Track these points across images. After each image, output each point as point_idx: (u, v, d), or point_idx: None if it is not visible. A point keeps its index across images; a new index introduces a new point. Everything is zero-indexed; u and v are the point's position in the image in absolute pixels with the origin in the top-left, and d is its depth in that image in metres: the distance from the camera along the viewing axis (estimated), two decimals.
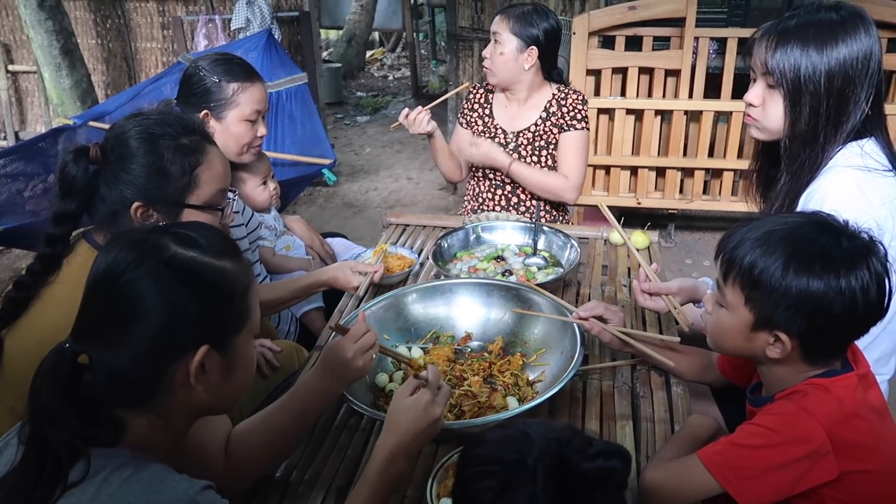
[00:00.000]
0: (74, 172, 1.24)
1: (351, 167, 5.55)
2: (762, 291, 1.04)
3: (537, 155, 2.39)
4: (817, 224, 1.07)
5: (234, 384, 0.96)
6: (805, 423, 1.03)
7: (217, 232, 0.97)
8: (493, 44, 2.30)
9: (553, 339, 1.50)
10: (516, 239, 2.04)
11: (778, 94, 1.44)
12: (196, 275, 0.89)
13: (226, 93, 1.82)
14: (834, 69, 1.38)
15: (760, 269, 1.04)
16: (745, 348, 1.12)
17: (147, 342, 0.86)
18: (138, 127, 1.28)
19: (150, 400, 0.89)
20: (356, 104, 7.76)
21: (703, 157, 3.59)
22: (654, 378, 1.48)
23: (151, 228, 0.95)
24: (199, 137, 1.34)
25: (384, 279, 1.88)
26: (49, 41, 4.35)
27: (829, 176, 1.41)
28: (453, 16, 4.61)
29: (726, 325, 1.13)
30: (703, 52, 3.47)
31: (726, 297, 1.11)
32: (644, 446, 1.29)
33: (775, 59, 1.41)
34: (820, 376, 1.08)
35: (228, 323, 0.92)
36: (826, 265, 1.01)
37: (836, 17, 1.39)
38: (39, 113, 5.51)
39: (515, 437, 0.82)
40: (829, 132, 1.42)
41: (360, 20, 9.28)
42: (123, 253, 0.88)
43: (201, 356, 0.88)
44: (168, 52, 5.14)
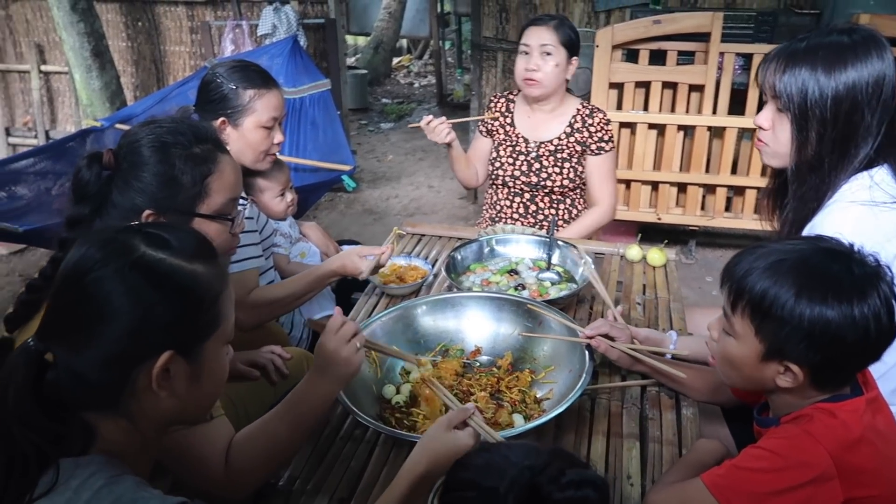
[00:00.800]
0: (87, 177, 1.25)
1: (373, 174, 5.58)
2: (773, 322, 1.02)
3: (559, 167, 2.39)
4: (827, 251, 1.04)
5: (201, 392, 0.93)
6: (810, 447, 1.01)
7: (191, 234, 0.96)
8: (542, 56, 2.26)
9: (562, 356, 1.48)
10: (530, 253, 2.03)
11: (786, 117, 1.41)
12: (163, 277, 0.87)
13: (242, 99, 1.84)
14: (842, 93, 1.34)
15: (771, 300, 1.02)
16: (754, 378, 1.10)
17: (109, 344, 0.84)
18: (151, 135, 1.29)
19: (116, 403, 0.87)
20: (381, 111, 7.80)
21: (725, 173, 3.55)
22: (664, 400, 1.46)
23: (124, 227, 0.93)
24: (212, 146, 1.34)
25: (396, 290, 1.88)
26: (80, 43, 4.44)
27: (832, 211, 1.37)
28: (478, 26, 4.62)
29: (734, 355, 1.10)
30: (728, 67, 3.44)
31: (734, 326, 1.09)
32: (650, 469, 1.27)
33: (783, 81, 1.39)
34: (827, 401, 1.06)
35: (196, 328, 0.90)
36: (839, 294, 0.98)
37: (848, 40, 1.36)
38: (70, 113, 5.61)
39: (496, 462, 0.81)
40: (837, 159, 1.38)
41: (388, 27, 9.34)
42: (92, 251, 0.87)
43: (164, 361, 0.85)
44: (196, 56, 5.22)
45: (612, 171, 2.47)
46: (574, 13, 4.26)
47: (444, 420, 1.08)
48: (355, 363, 1.20)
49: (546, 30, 2.27)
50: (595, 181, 2.44)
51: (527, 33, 2.31)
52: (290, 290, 1.80)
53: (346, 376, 1.20)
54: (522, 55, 2.31)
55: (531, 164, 2.40)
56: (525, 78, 2.31)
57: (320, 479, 1.26)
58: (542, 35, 2.26)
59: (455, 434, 1.05)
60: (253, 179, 2.07)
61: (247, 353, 1.69)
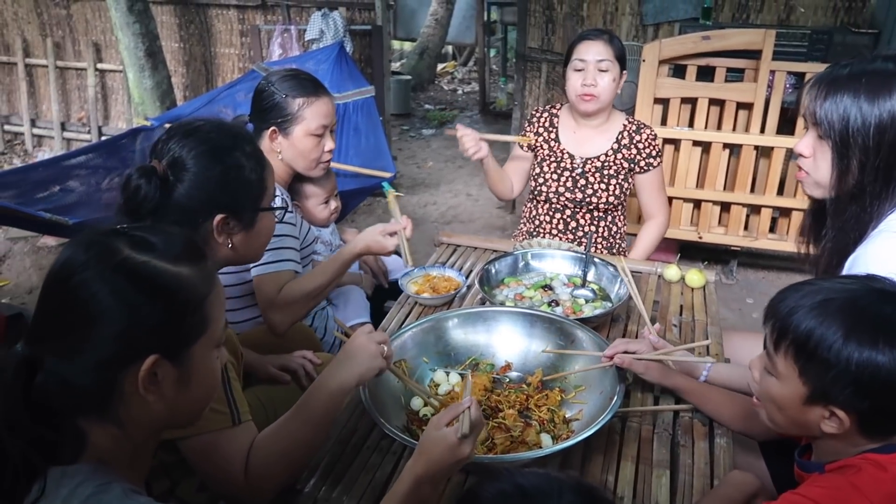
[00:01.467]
0: (148, 192, 1.24)
1: (412, 179, 5.60)
2: (819, 364, 0.98)
3: (605, 183, 2.36)
4: (879, 292, 0.99)
5: (191, 396, 0.92)
6: (855, 501, 0.96)
7: (177, 236, 0.95)
8: (598, 71, 2.24)
9: (594, 377, 1.46)
10: (566, 268, 2.01)
11: (827, 145, 1.37)
12: (147, 280, 0.86)
13: (291, 108, 1.87)
14: (886, 122, 1.30)
15: (817, 341, 0.97)
16: (798, 421, 1.06)
17: (95, 347, 0.83)
18: (206, 143, 1.32)
19: (104, 409, 0.86)
20: (423, 116, 7.84)
21: (771, 194, 3.46)
22: (697, 426, 1.43)
23: (109, 230, 0.92)
24: (255, 143, 1.42)
25: (429, 300, 1.88)
26: (135, 43, 4.57)
27: (878, 242, 1.32)
28: (523, 36, 4.61)
29: (776, 395, 1.06)
30: (779, 86, 3.35)
31: (777, 366, 1.05)
32: (680, 499, 1.24)
33: (824, 108, 1.35)
34: (877, 451, 1.01)
35: (183, 332, 0.89)
36: (891, 338, 0.93)
37: (893, 67, 1.32)
38: (122, 110, 5.78)
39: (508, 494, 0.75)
40: (880, 188, 1.34)
41: (434, 33, 9.39)
42: (76, 254, 0.86)
43: (149, 365, 0.85)
44: (244, 59, 5.32)
45: (662, 184, 2.45)
46: (622, 26, 4.22)
47: (436, 419, 1.08)
48: (378, 361, 1.22)
49: (602, 44, 2.24)
50: (648, 196, 2.42)
51: (580, 48, 2.27)
52: (318, 281, 1.80)
53: (366, 370, 1.21)
54: (577, 71, 2.27)
55: (576, 180, 2.38)
56: (582, 94, 2.26)
57: (346, 486, 1.26)
58: (599, 50, 2.23)
59: (444, 431, 1.05)
60: (300, 185, 2.10)
61: (279, 357, 1.71)
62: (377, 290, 2.36)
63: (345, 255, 1.83)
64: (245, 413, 1.23)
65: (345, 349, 1.24)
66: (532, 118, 2.50)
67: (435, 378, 1.54)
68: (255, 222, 1.38)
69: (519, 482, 0.73)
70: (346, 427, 1.42)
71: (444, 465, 1.04)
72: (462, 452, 1.04)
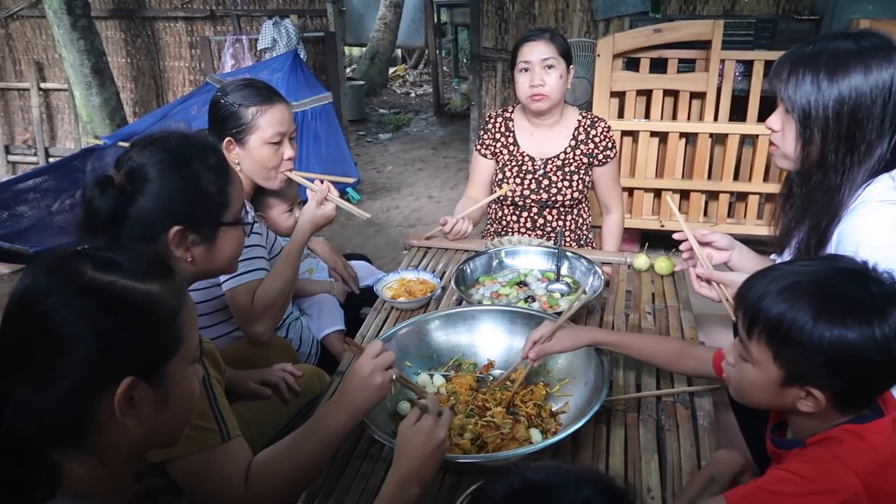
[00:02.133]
0: (104, 204, 1.21)
1: (372, 185, 5.58)
2: (793, 347, 1.00)
3: (568, 180, 2.38)
4: (843, 271, 1.02)
5: (170, 416, 0.90)
6: (840, 472, 0.99)
7: (143, 253, 0.92)
8: (545, 69, 2.25)
9: (577, 369, 1.48)
10: (539, 264, 2.03)
11: (793, 119, 1.43)
12: (115, 301, 0.83)
13: (245, 117, 1.84)
14: (845, 98, 1.36)
15: (789, 324, 0.99)
16: (774, 402, 1.08)
17: (66, 376, 0.80)
18: (165, 153, 1.28)
19: (81, 439, 0.83)
20: (378, 121, 7.82)
21: (728, 180, 3.55)
22: (680, 410, 1.46)
23: (69, 251, 0.88)
24: (222, 156, 1.37)
25: (406, 304, 1.87)
26: (80, 60, 4.46)
27: (863, 212, 1.38)
28: (477, 36, 4.64)
29: (752, 380, 1.08)
30: (729, 74, 3.45)
31: (752, 352, 1.06)
32: (670, 482, 1.26)
33: (788, 86, 1.42)
34: (853, 422, 1.04)
35: (156, 351, 0.86)
36: (859, 315, 0.96)
37: (854, 45, 1.38)
38: (69, 130, 5.62)
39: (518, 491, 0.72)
40: (843, 158, 1.40)
41: (384, 38, 9.38)
42: (37, 280, 0.82)
43: (125, 388, 0.81)
44: (195, 71, 5.23)
45: (618, 177, 2.50)
46: (573, 22, 4.28)
47: (404, 422, 1.12)
48: (385, 392, 1.21)
49: (544, 43, 2.25)
50: (605, 189, 2.46)
51: (524, 50, 2.28)
52: (283, 275, 1.78)
53: (374, 401, 1.21)
54: (523, 72, 2.28)
55: (539, 181, 2.39)
56: (532, 95, 2.28)
57: (338, 497, 1.25)
58: (542, 49, 2.25)
59: (417, 426, 1.09)
60: (262, 196, 2.07)
61: (258, 371, 1.68)
62: (350, 297, 2.34)
63: (297, 242, 1.82)
64: (234, 429, 1.20)
65: (352, 378, 1.20)
66: (487, 124, 2.48)
67: (419, 381, 1.54)
68: (217, 237, 1.33)
69: (529, 477, 0.71)
70: None
71: (426, 456, 1.06)
72: (438, 436, 1.07)
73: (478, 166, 2.50)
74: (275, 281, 1.77)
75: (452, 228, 2.21)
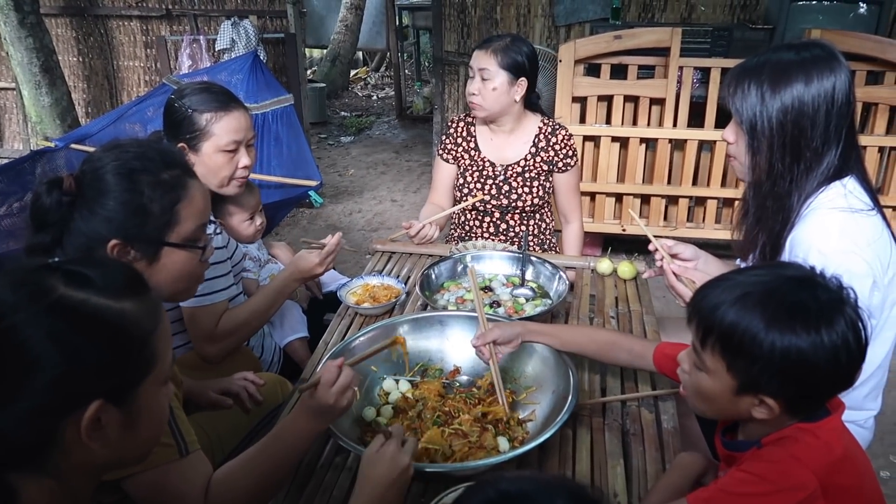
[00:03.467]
0: (48, 204, 1.18)
1: (335, 188, 5.53)
2: (745, 358, 1.01)
3: (529, 186, 2.39)
4: (791, 279, 1.03)
5: (138, 438, 0.86)
6: (797, 471, 1.01)
7: (117, 268, 0.89)
8: (481, 80, 2.25)
9: (545, 377, 1.48)
10: (504, 269, 2.03)
11: (742, 131, 1.47)
12: (87, 320, 0.79)
13: (199, 123, 1.78)
14: (788, 108, 1.39)
15: (741, 335, 0.99)
16: (729, 410, 1.09)
17: (30, 397, 0.75)
18: (117, 161, 1.23)
19: (41, 461, 0.78)
20: (340, 124, 7.75)
21: (687, 184, 3.62)
22: (645, 414, 1.47)
23: (38, 266, 0.83)
24: (181, 171, 1.29)
25: (370, 310, 1.85)
26: (29, 58, 4.30)
27: (814, 218, 1.41)
28: (439, 40, 4.63)
29: (706, 389, 1.09)
30: (687, 81, 3.51)
31: (705, 362, 1.07)
32: (636, 485, 1.27)
33: (735, 98, 1.45)
34: (805, 420, 1.06)
35: (129, 372, 0.82)
36: (807, 323, 0.97)
37: (795, 56, 1.41)
38: (17, 130, 5.43)
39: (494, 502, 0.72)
40: (792, 171, 1.43)
41: (345, 40, 9.30)
42: (4, 294, 0.78)
43: (93, 412, 0.77)
44: (151, 72, 5.11)
45: (577, 185, 2.50)
46: (535, 28, 4.31)
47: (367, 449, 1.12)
48: (350, 406, 1.21)
49: (486, 54, 2.24)
50: (564, 199, 2.47)
51: (473, 56, 2.30)
52: (253, 309, 1.76)
53: (337, 416, 1.21)
54: (470, 78, 2.32)
55: (500, 186, 2.39)
56: (469, 101, 2.33)
57: None
58: (482, 59, 2.25)
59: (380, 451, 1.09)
60: (223, 204, 2.02)
61: (219, 380, 1.64)
62: (313, 303, 2.31)
63: (278, 284, 1.81)
64: (193, 442, 1.17)
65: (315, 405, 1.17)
66: (448, 129, 2.48)
67: (384, 386, 1.52)
68: (159, 256, 1.27)
69: (504, 489, 0.70)
70: None
71: (390, 482, 1.06)
72: (402, 462, 1.07)
73: (440, 171, 2.50)
74: (244, 312, 1.74)
75: (418, 233, 2.19)
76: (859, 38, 3.30)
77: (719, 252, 1.81)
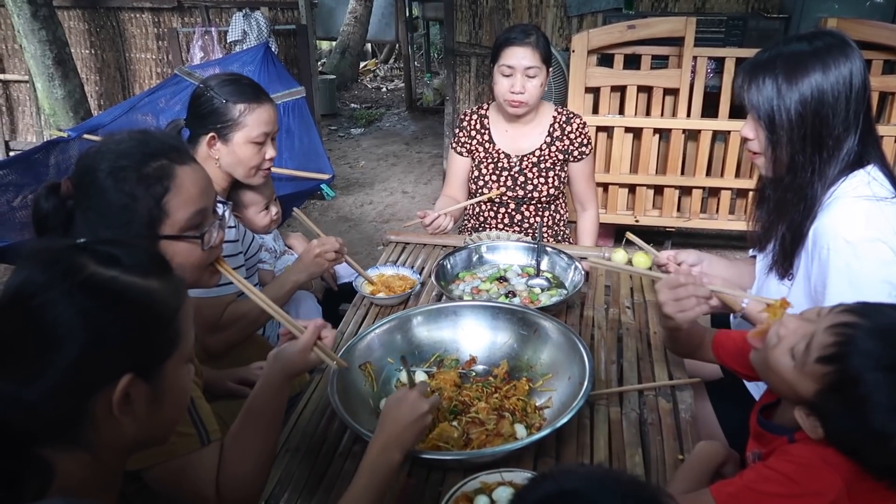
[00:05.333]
0: (47, 209, 1.16)
1: (346, 180, 5.53)
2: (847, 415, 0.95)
3: (544, 176, 2.38)
4: None
5: (164, 414, 0.88)
6: (825, 474, 0.99)
7: (142, 248, 0.90)
8: (525, 77, 2.21)
9: (560, 364, 1.47)
10: (519, 259, 2.02)
11: (761, 126, 1.46)
12: (117, 297, 0.81)
13: (232, 114, 1.79)
14: (807, 97, 1.39)
15: (863, 398, 0.93)
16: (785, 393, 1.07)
17: (62, 372, 0.78)
18: (103, 160, 1.19)
19: (74, 435, 0.81)
20: (350, 116, 7.75)
21: (700, 175, 3.59)
22: (662, 404, 1.46)
23: (68, 245, 0.85)
24: (166, 161, 1.22)
25: (385, 300, 1.85)
26: (42, 51, 4.32)
27: (838, 207, 1.40)
28: (451, 31, 4.62)
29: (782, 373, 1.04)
30: (701, 71, 3.48)
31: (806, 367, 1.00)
32: (655, 474, 1.27)
33: (750, 94, 1.45)
34: None
35: (155, 349, 0.85)
36: None
37: (808, 46, 1.41)
38: (31, 123, 5.46)
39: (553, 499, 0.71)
40: (814, 162, 1.43)
41: (354, 32, 9.30)
42: (35, 273, 0.80)
43: (124, 386, 0.80)
44: (163, 63, 5.12)
45: (593, 173, 2.50)
46: (547, 18, 4.29)
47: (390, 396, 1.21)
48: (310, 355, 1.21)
49: (529, 50, 2.20)
50: (580, 187, 2.46)
51: (507, 53, 2.22)
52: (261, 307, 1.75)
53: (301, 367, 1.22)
54: (504, 76, 2.24)
55: (516, 178, 2.39)
56: (511, 101, 2.26)
57: (322, 496, 1.23)
58: (527, 56, 2.20)
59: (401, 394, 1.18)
60: (238, 194, 2.03)
61: (235, 370, 1.65)
62: (328, 294, 2.31)
63: (287, 285, 1.82)
64: (214, 432, 1.18)
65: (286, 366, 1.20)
66: (462, 122, 2.46)
67: (402, 378, 1.52)
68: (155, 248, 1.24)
69: (563, 484, 0.70)
70: (314, 437, 1.39)
71: (408, 423, 1.13)
72: (421, 407, 1.15)
73: (454, 164, 2.49)
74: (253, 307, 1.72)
75: (433, 222, 2.19)
76: (875, 27, 3.26)
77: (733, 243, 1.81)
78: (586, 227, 2.51)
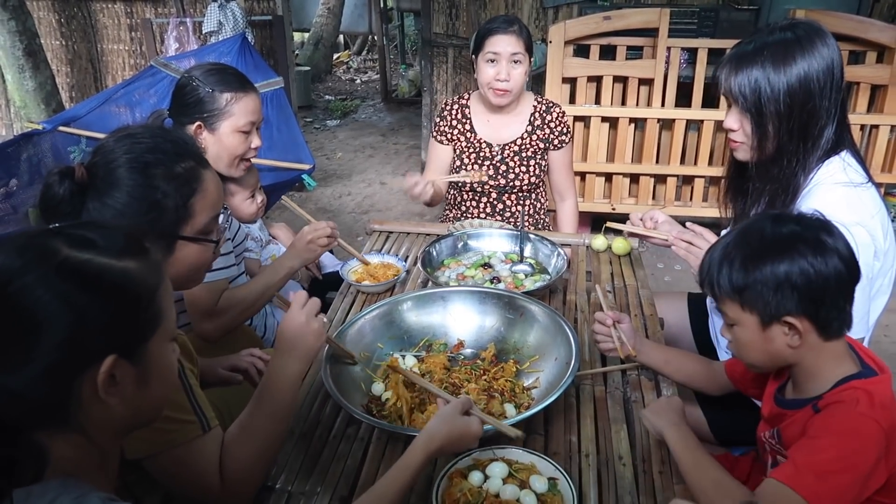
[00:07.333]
0: (60, 194, 1.15)
1: (323, 172, 5.52)
2: (748, 290, 1.11)
3: (525, 165, 2.42)
4: (758, 218, 1.18)
5: (152, 393, 0.89)
6: (870, 427, 1.03)
7: (117, 230, 0.90)
8: (511, 64, 2.25)
9: (546, 346, 1.52)
10: (503, 246, 2.06)
11: (747, 116, 1.48)
12: (94, 278, 0.81)
13: (219, 103, 1.80)
14: (795, 86, 1.42)
15: (735, 274, 1.12)
16: (770, 352, 1.14)
17: (45, 356, 0.78)
18: (130, 153, 1.19)
19: (64, 418, 0.81)
20: (325, 108, 7.71)
21: (675, 163, 3.67)
22: (644, 382, 1.52)
23: (40, 230, 0.85)
24: (195, 163, 1.25)
25: (371, 288, 1.88)
26: (12, 42, 4.24)
27: (819, 193, 1.45)
28: (427, 22, 4.63)
29: (743, 339, 1.16)
30: (675, 61, 3.55)
31: (729, 315, 1.16)
32: (639, 449, 1.32)
33: (736, 84, 1.46)
34: (855, 377, 1.10)
35: (137, 328, 0.85)
36: (792, 239, 1.09)
37: (792, 35, 1.44)
38: (1, 115, 5.35)
39: None
40: (801, 148, 1.46)
41: (328, 23, 9.23)
42: (9, 260, 0.79)
43: (108, 367, 0.80)
44: (136, 55, 5.05)
45: (571, 163, 2.54)
46: (523, 9, 4.33)
47: (458, 404, 1.17)
48: (322, 336, 1.23)
49: (513, 38, 2.23)
50: (559, 176, 2.50)
51: (492, 41, 2.25)
52: (256, 293, 1.78)
53: (314, 350, 1.22)
54: (489, 63, 2.26)
55: (497, 167, 2.42)
56: (496, 88, 2.28)
57: (318, 478, 1.26)
58: (512, 43, 2.23)
59: (467, 419, 1.15)
60: (224, 183, 2.03)
61: (226, 357, 1.66)
62: (314, 283, 2.33)
63: (282, 271, 1.83)
64: (213, 419, 1.19)
65: (287, 333, 1.20)
66: (442, 112, 2.48)
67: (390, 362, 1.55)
68: (173, 249, 1.25)
69: None
70: (307, 420, 1.41)
71: (461, 445, 1.16)
72: (478, 432, 1.16)
73: (435, 153, 2.50)
74: (247, 293, 1.76)
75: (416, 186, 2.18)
76: (841, 19, 3.36)
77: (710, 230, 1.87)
78: (566, 218, 2.55)
